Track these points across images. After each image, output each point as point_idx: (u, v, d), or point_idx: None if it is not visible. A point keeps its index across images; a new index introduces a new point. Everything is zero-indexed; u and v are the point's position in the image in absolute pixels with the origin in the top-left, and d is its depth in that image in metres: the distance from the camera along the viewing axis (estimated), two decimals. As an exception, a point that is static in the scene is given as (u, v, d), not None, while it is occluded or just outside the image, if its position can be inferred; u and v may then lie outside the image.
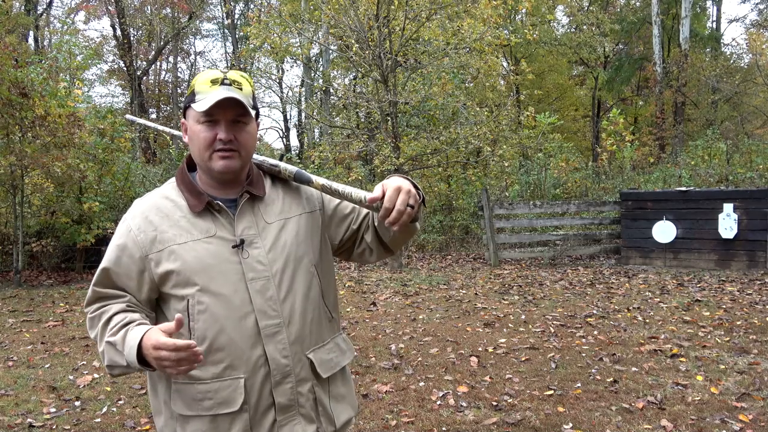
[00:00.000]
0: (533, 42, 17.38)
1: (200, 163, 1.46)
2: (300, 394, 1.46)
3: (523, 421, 3.40)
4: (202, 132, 1.41)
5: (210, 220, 1.44)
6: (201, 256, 1.40)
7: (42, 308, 6.80)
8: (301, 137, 22.64)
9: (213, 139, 1.40)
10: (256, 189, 1.49)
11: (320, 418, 1.51)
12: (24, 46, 15.97)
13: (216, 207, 1.44)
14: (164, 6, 20.91)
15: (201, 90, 1.41)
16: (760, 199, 8.12)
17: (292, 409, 1.45)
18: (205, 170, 1.47)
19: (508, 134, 11.24)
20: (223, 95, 1.37)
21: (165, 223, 1.43)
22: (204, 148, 1.42)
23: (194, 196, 1.45)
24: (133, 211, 1.48)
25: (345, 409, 1.58)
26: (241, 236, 1.43)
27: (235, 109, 1.40)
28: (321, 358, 1.51)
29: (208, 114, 1.39)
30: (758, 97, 19.37)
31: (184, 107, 1.48)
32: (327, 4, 9.45)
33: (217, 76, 1.41)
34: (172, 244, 1.41)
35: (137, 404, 3.82)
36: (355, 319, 5.91)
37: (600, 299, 6.62)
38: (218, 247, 1.42)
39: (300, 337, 1.47)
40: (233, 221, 1.45)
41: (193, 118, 1.43)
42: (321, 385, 1.52)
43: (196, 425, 1.42)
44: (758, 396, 3.65)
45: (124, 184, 9.70)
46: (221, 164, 1.41)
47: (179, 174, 1.51)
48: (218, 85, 1.40)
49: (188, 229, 1.43)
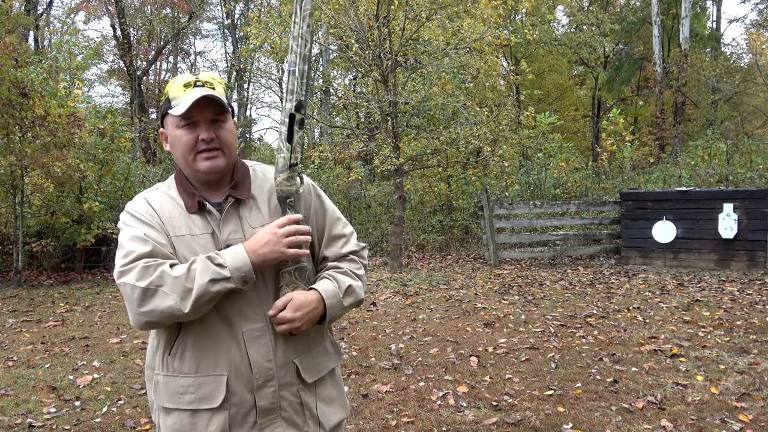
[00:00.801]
0: (533, 42, 17.36)
1: (185, 167, 1.47)
2: (283, 398, 1.46)
3: (523, 421, 3.40)
4: (183, 136, 1.43)
5: (206, 218, 1.46)
6: (197, 252, 1.41)
7: (42, 308, 6.80)
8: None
9: (195, 141, 1.43)
10: (240, 192, 1.50)
11: (307, 422, 1.50)
12: (24, 46, 15.97)
13: (207, 209, 1.46)
14: (164, 6, 20.90)
15: (176, 95, 1.43)
16: (760, 199, 8.12)
17: (274, 413, 1.45)
18: (190, 174, 1.48)
19: (508, 134, 11.23)
20: (198, 95, 1.39)
21: (166, 215, 1.45)
22: (187, 151, 1.43)
23: (189, 196, 1.47)
24: (137, 201, 1.49)
25: (336, 411, 1.58)
26: (227, 241, 1.44)
27: (212, 108, 1.43)
28: (307, 363, 1.51)
29: (187, 116, 1.41)
30: (758, 97, 19.38)
31: (161, 116, 1.49)
32: (327, 4, 9.44)
33: (190, 80, 1.44)
34: (173, 236, 1.43)
35: (137, 404, 3.82)
36: (355, 319, 5.91)
37: (600, 299, 6.62)
38: (212, 246, 1.44)
39: (286, 341, 1.47)
40: (219, 224, 1.46)
41: (172, 124, 1.45)
42: (307, 389, 1.52)
43: (175, 418, 1.43)
44: (758, 396, 3.65)
45: (124, 184, 9.70)
46: (207, 165, 1.43)
47: (177, 175, 1.53)
48: (191, 87, 1.42)
49: (188, 225, 1.45)
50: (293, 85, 1.44)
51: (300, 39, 1.44)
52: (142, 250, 1.37)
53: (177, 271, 1.33)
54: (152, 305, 1.32)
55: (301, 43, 1.44)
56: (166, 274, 1.32)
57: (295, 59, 1.45)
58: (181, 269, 1.34)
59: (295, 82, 1.44)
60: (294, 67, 1.45)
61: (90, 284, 8.46)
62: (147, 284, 1.32)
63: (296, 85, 1.44)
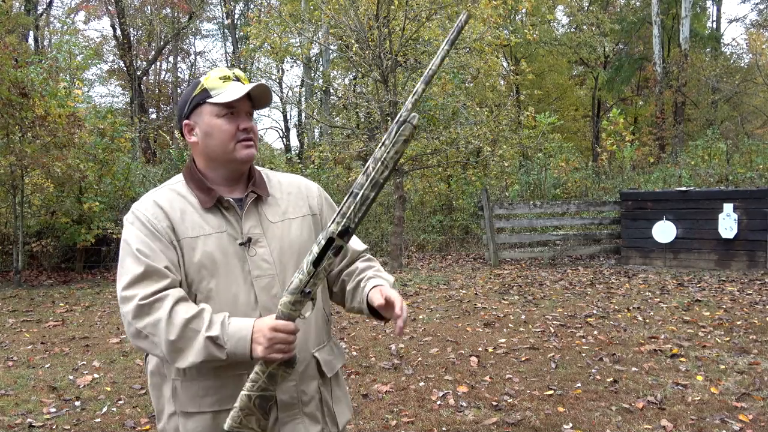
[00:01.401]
0: (533, 42, 17.37)
1: (221, 155, 1.48)
2: (303, 393, 1.48)
3: (523, 421, 3.40)
4: (225, 125, 1.45)
5: (220, 216, 1.46)
6: (210, 251, 1.42)
7: (42, 308, 6.80)
8: (301, 137, 22.63)
9: (236, 130, 1.46)
10: (261, 189, 1.52)
11: (325, 418, 1.52)
12: (24, 46, 15.97)
13: (225, 204, 1.47)
14: (164, 6, 20.91)
15: (215, 86, 1.45)
16: (760, 199, 8.12)
17: (295, 408, 1.46)
18: (224, 163, 1.49)
19: (508, 134, 11.24)
20: (247, 87, 1.44)
21: (177, 215, 1.44)
22: (228, 139, 1.46)
23: (204, 192, 1.47)
24: (145, 202, 1.47)
25: (344, 410, 1.60)
26: (248, 235, 1.46)
27: (249, 101, 1.48)
28: (324, 358, 1.53)
29: (230, 106, 1.44)
30: (758, 97, 19.38)
31: (191, 107, 1.48)
32: (327, 4, 9.44)
33: (227, 73, 1.47)
34: (185, 237, 1.42)
35: (137, 404, 3.82)
36: (355, 319, 5.91)
37: (600, 299, 6.62)
38: (227, 244, 1.44)
39: (303, 336, 1.47)
40: (240, 219, 1.47)
41: (210, 113, 1.46)
42: (326, 385, 1.54)
43: (197, 421, 1.43)
44: (758, 396, 3.65)
45: (124, 184, 9.70)
46: (245, 153, 1.47)
47: (188, 172, 1.52)
48: (230, 81, 1.46)
49: (200, 224, 1.44)
50: (349, 209, 1.28)
51: (380, 164, 1.28)
52: (135, 271, 1.35)
53: (173, 326, 1.31)
54: (143, 345, 1.35)
55: (379, 169, 1.28)
56: (160, 326, 1.31)
57: (365, 182, 1.28)
58: (178, 324, 1.30)
59: (352, 207, 1.28)
60: (360, 190, 1.28)
61: (90, 284, 8.46)
62: (141, 327, 1.33)
63: (352, 210, 1.28)
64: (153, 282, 1.35)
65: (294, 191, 1.60)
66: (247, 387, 1.34)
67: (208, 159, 1.49)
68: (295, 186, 1.62)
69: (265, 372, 1.33)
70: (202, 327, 1.31)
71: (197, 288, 1.41)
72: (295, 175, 1.70)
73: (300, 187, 1.62)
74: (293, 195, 1.59)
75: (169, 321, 1.31)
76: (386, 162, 1.28)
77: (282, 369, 1.35)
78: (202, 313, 1.33)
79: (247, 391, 1.33)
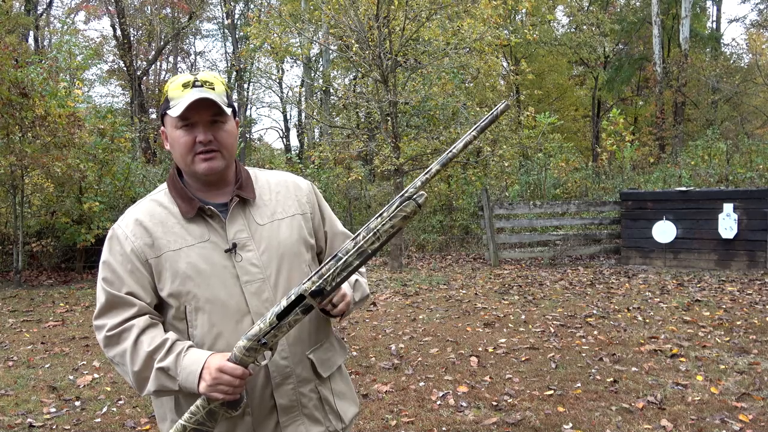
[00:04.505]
0: (533, 42, 17.35)
1: (184, 168, 1.46)
2: (302, 395, 1.47)
3: (523, 421, 3.40)
4: (182, 137, 1.41)
5: (203, 225, 1.44)
6: (195, 262, 1.40)
7: (42, 308, 6.80)
8: (301, 137, 22.65)
9: (193, 143, 1.41)
10: (246, 192, 1.49)
11: (328, 416, 1.52)
12: (24, 46, 15.97)
13: (208, 212, 1.44)
14: (164, 6, 20.91)
15: (174, 95, 1.40)
16: (760, 199, 8.12)
17: (295, 410, 1.46)
18: (190, 174, 1.47)
19: (508, 134, 11.24)
20: (195, 97, 1.37)
21: (159, 230, 1.43)
22: (185, 152, 1.42)
23: (185, 201, 1.45)
24: (126, 219, 1.46)
25: (349, 405, 1.60)
26: (234, 240, 1.43)
27: (210, 109, 1.40)
28: (320, 358, 1.52)
29: (184, 118, 1.39)
30: (758, 97, 19.39)
31: (161, 115, 1.47)
32: (327, 4, 9.44)
33: (188, 79, 1.41)
34: (167, 251, 1.41)
35: (137, 404, 3.82)
36: (355, 319, 5.92)
37: (600, 299, 6.62)
38: (212, 252, 1.42)
39: (299, 337, 1.47)
40: (225, 225, 1.44)
41: (170, 125, 1.43)
42: (324, 384, 1.53)
43: None
44: (758, 396, 3.65)
45: (124, 184, 9.70)
46: (204, 166, 1.41)
47: (170, 180, 1.50)
48: (190, 87, 1.39)
49: (182, 235, 1.42)
50: (328, 271, 1.26)
51: (372, 234, 1.25)
52: (101, 300, 1.42)
53: (137, 356, 1.35)
54: (119, 371, 1.43)
55: (370, 239, 1.25)
56: (126, 357, 1.36)
57: (351, 249, 1.25)
58: (141, 355, 1.35)
59: (332, 270, 1.26)
60: (345, 255, 1.25)
61: (90, 284, 8.46)
62: (111, 356, 1.41)
63: (331, 273, 1.26)
64: (120, 311, 1.39)
65: (282, 190, 1.56)
66: (185, 417, 1.35)
67: (180, 167, 1.49)
68: (284, 185, 1.58)
69: (205, 408, 1.34)
70: (158, 358, 1.35)
71: (186, 300, 1.40)
72: (284, 173, 1.66)
73: (288, 186, 1.58)
74: (281, 194, 1.55)
75: (134, 352, 1.36)
76: (379, 234, 1.25)
77: (224, 409, 1.34)
78: (165, 344, 1.36)
79: (184, 421, 1.34)
